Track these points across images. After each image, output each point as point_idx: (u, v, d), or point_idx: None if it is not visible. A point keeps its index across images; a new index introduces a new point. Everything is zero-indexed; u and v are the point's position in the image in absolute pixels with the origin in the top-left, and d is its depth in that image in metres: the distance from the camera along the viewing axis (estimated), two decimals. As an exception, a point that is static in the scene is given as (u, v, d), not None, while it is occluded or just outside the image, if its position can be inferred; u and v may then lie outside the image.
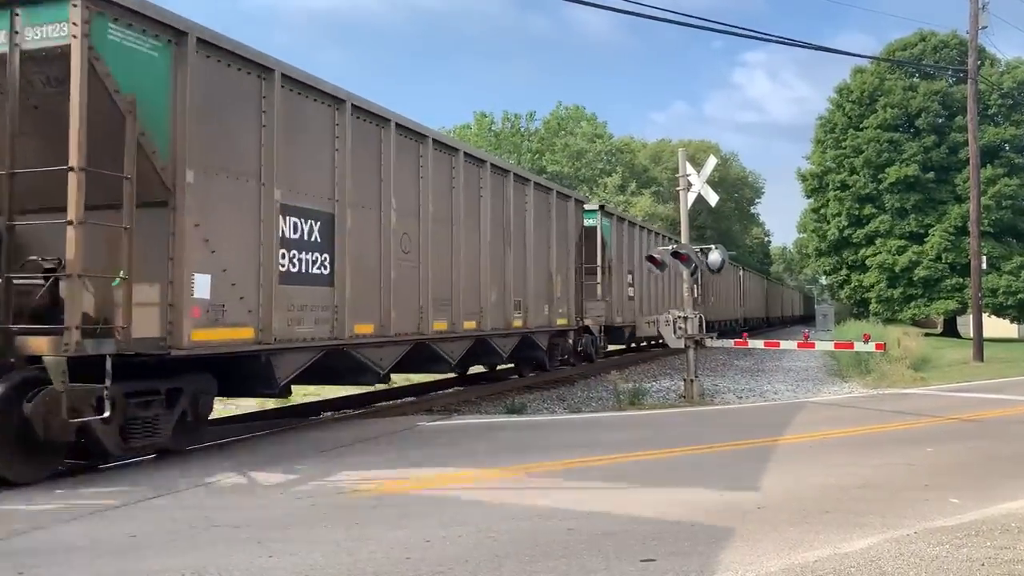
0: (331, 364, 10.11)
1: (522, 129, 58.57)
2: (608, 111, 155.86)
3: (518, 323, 15.11)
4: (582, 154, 55.77)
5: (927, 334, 38.20)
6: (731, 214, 73.78)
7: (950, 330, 43.22)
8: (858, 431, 10.34)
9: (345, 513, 5.95)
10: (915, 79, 41.97)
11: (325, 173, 9.79)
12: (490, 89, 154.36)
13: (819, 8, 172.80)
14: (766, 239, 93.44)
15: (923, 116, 40.01)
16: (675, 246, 15.39)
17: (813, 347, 15.90)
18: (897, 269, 39.92)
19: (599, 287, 20.11)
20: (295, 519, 5.80)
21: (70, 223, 6.80)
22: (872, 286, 41.29)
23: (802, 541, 5.18)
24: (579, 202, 18.89)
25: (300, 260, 9.27)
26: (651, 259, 15.50)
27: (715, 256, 14.99)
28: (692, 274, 15.08)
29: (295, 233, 9.20)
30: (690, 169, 15.72)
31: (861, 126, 41.63)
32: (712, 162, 16.16)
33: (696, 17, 29.09)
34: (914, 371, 19.33)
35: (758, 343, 16.76)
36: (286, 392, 10.26)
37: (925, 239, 39.70)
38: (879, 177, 40.42)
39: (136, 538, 5.30)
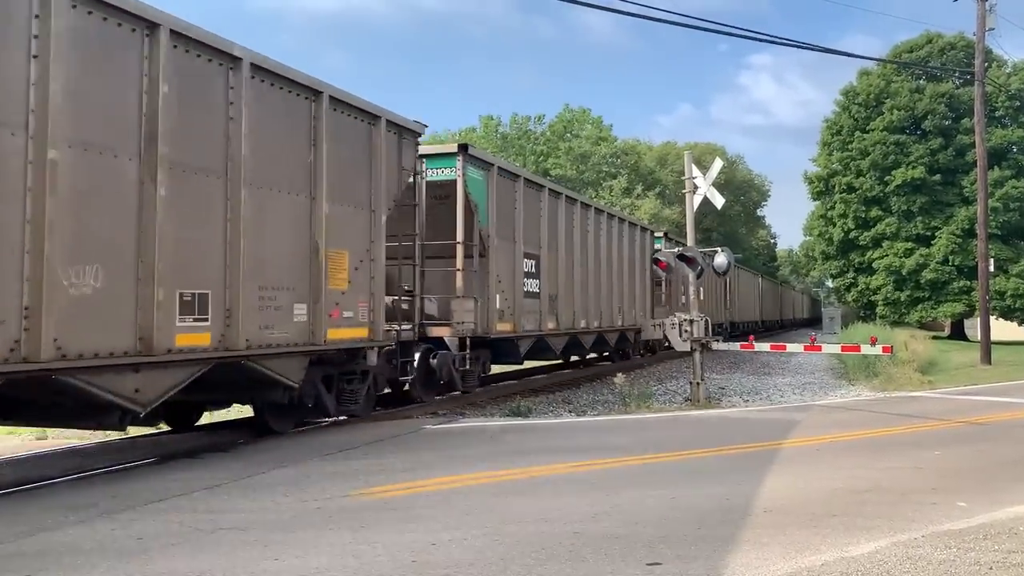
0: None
1: (530, 131, 58.57)
2: (613, 114, 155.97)
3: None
4: (587, 157, 55.75)
5: (934, 337, 38.07)
6: (737, 217, 73.65)
7: (957, 333, 43.07)
8: (865, 434, 10.30)
9: (351, 516, 5.95)
10: (922, 81, 41.87)
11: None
12: (495, 92, 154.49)
13: (825, 10, 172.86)
14: (772, 241, 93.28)
15: (930, 118, 39.90)
16: (681, 249, 15.36)
17: (820, 350, 15.86)
18: (904, 272, 39.81)
19: (459, 277, 15.47)
20: (301, 522, 5.80)
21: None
22: (879, 289, 41.17)
23: (809, 544, 5.16)
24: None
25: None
26: (656, 262, 15.48)
27: (721, 259, 14.98)
28: (698, 277, 15.06)
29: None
30: (696, 171, 15.72)
31: (867, 128, 41.54)
32: (718, 164, 16.15)
33: (702, 19, 29.07)
34: (921, 374, 19.28)
35: (764, 346, 16.73)
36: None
37: (932, 241, 39.58)
38: (885, 179, 40.32)
39: (142, 540, 5.31)
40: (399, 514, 6.01)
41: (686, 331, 14.53)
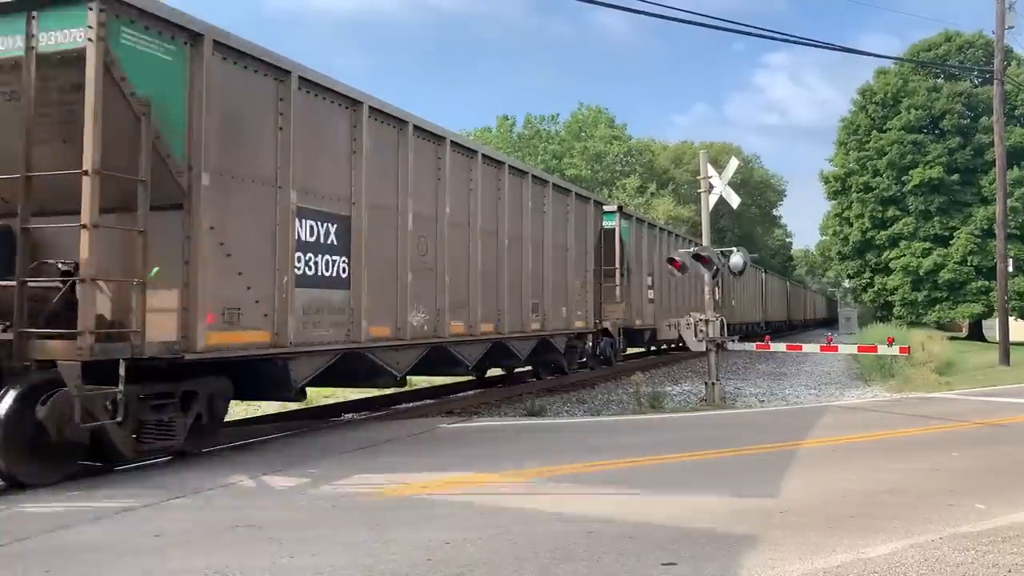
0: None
1: (543, 131, 58.58)
2: (629, 114, 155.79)
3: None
4: (601, 156, 55.69)
5: (952, 338, 37.76)
6: (753, 216, 73.38)
7: (975, 334, 42.71)
8: (882, 435, 10.24)
9: (366, 514, 5.97)
10: (939, 80, 41.57)
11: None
12: (511, 93, 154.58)
13: (842, 10, 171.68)
14: (788, 241, 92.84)
15: (948, 117, 39.59)
16: (696, 248, 15.32)
17: (836, 350, 15.77)
18: (921, 272, 39.52)
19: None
20: (316, 520, 5.82)
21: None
22: (896, 289, 40.89)
23: (825, 546, 5.13)
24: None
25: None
26: (671, 262, 15.43)
27: (737, 259, 14.92)
28: (713, 277, 15.01)
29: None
30: (712, 171, 15.67)
31: (884, 128, 41.26)
32: (734, 164, 16.08)
33: (719, 19, 28.93)
34: (938, 375, 19.12)
35: (780, 346, 16.66)
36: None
37: (950, 242, 39.27)
38: (903, 179, 40.04)
39: (160, 538, 5.35)
40: (414, 513, 6.03)
41: (701, 331, 14.48)
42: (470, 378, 16.02)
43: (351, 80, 9.99)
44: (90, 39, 6.79)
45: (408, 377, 12.39)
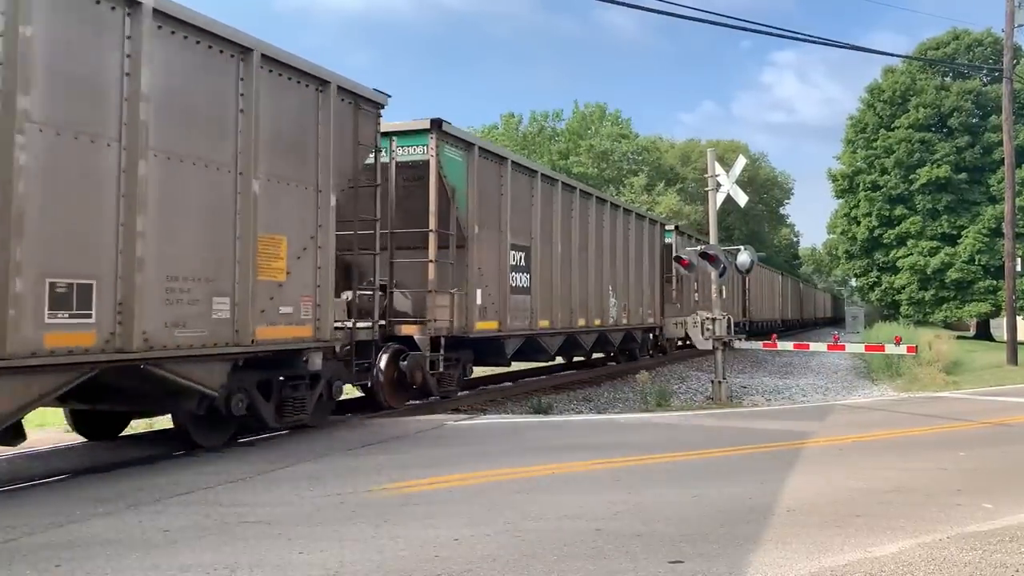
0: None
1: (548, 128, 58.49)
2: (636, 112, 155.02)
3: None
4: (607, 155, 55.59)
5: (959, 337, 37.68)
6: (760, 215, 73.21)
7: (983, 333, 42.58)
8: (888, 434, 10.23)
9: (374, 511, 5.99)
10: (948, 78, 41.41)
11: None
12: (518, 91, 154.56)
13: (849, 8, 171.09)
14: (795, 239, 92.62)
15: (956, 116, 39.45)
16: (703, 247, 15.30)
17: (843, 349, 15.75)
18: (929, 271, 39.42)
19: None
20: (325, 516, 5.85)
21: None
22: (903, 288, 40.79)
23: (832, 544, 5.14)
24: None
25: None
26: (679, 260, 15.42)
27: (744, 257, 14.92)
28: (720, 275, 15.00)
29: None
30: (719, 169, 15.65)
31: (892, 126, 41.14)
32: (741, 162, 16.07)
33: (726, 16, 28.84)
34: (946, 374, 19.09)
35: (787, 345, 16.65)
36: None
37: (958, 240, 39.15)
38: (910, 178, 39.92)
39: (169, 532, 5.38)
40: (421, 509, 6.05)
41: (708, 329, 14.48)
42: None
43: (357, 76, 10.09)
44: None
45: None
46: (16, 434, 7.20)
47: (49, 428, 10.95)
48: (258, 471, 7.42)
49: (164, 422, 10.21)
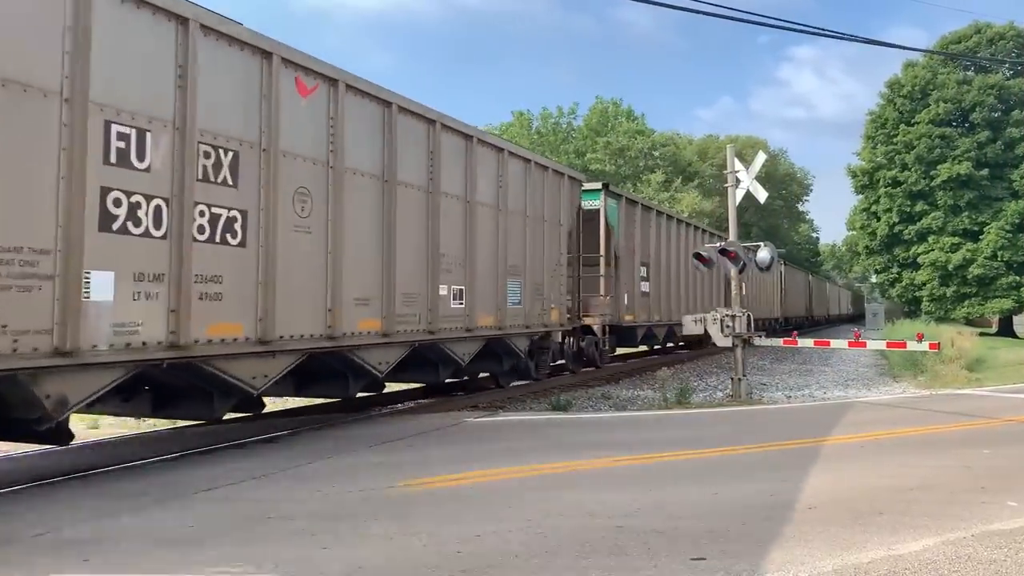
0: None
1: (563, 125, 58.30)
2: (654, 108, 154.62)
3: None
4: (624, 151, 55.37)
5: (981, 333, 37.30)
6: (779, 211, 72.71)
7: (1006, 330, 42.14)
8: (911, 432, 10.16)
9: (396, 507, 6.03)
10: (969, 72, 40.95)
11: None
12: (536, 89, 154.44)
13: (867, 2, 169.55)
14: (814, 235, 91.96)
15: (978, 110, 39.02)
16: (723, 243, 15.25)
17: (864, 346, 15.63)
18: (950, 267, 39.03)
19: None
20: (347, 512, 5.89)
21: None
22: (924, 284, 40.42)
23: (855, 542, 5.12)
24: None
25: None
26: (698, 256, 15.37)
27: (764, 254, 14.84)
28: (740, 272, 14.94)
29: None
30: (739, 165, 15.58)
31: (913, 121, 40.74)
32: (761, 158, 15.98)
33: (743, 11, 28.73)
34: (968, 371, 18.90)
35: (807, 342, 16.55)
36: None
37: (980, 236, 38.74)
38: (931, 174, 39.54)
39: (194, 528, 5.44)
40: (443, 506, 6.08)
41: (727, 326, 14.43)
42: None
43: (375, 77, 10.12)
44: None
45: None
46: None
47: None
48: (281, 468, 7.48)
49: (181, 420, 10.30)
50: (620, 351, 21.80)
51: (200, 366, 7.67)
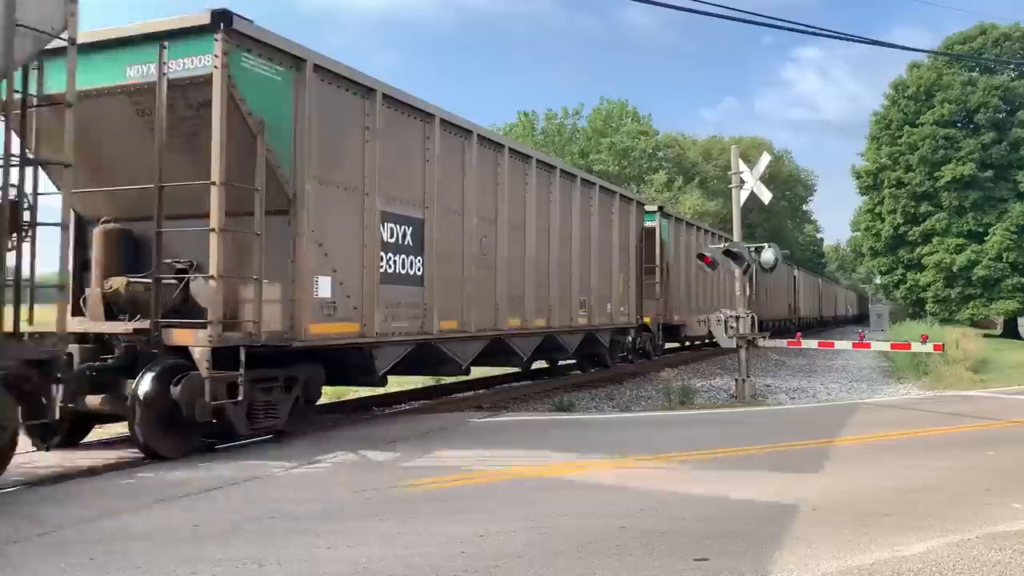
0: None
1: (567, 126, 58.22)
2: (657, 109, 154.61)
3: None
4: (628, 152, 55.30)
5: (986, 335, 37.22)
6: (783, 212, 72.59)
7: (1010, 331, 42.03)
8: (915, 433, 10.14)
9: (399, 506, 6.04)
10: (974, 73, 40.87)
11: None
12: (539, 89, 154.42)
13: (872, 3, 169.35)
14: (818, 236, 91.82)
15: (983, 111, 38.95)
16: (727, 244, 15.23)
17: (869, 347, 15.61)
18: (955, 268, 38.96)
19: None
20: (351, 512, 5.90)
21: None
22: (928, 286, 40.35)
23: (859, 543, 5.11)
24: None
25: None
26: (701, 257, 15.35)
27: (768, 254, 14.83)
28: (744, 272, 14.92)
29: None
30: (743, 166, 15.56)
31: (917, 122, 40.67)
32: (766, 159, 15.98)
33: (747, 12, 28.69)
34: (973, 373, 18.87)
35: (812, 343, 16.54)
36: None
37: (985, 238, 38.65)
38: (935, 175, 39.47)
39: (198, 527, 5.45)
40: (447, 506, 6.09)
41: (731, 327, 14.41)
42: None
43: (381, 75, 10.13)
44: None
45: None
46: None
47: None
48: (285, 467, 7.49)
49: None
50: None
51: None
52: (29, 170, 7.36)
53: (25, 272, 7.03)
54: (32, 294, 7.35)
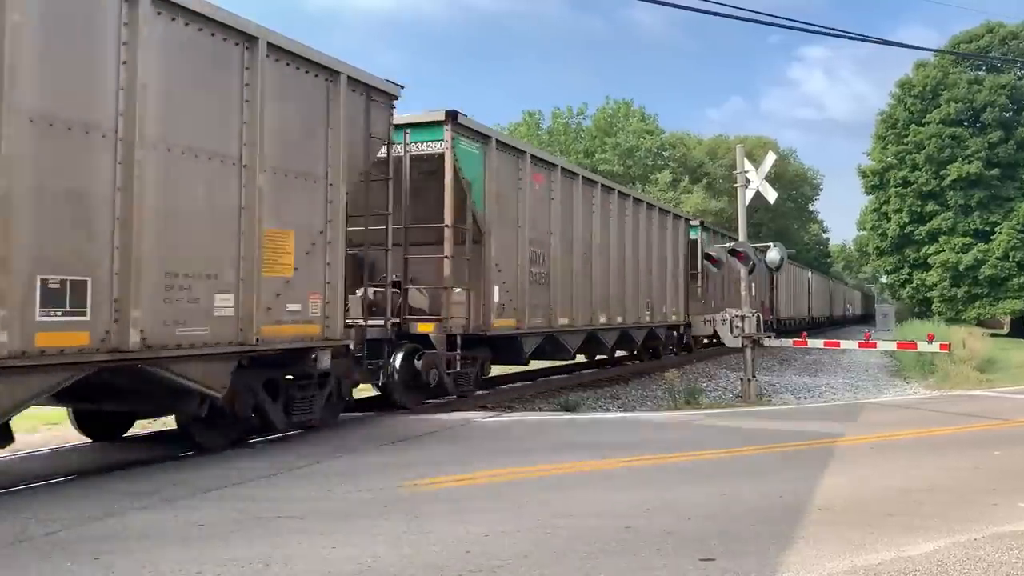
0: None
1: (572, 126, 58.18)
2: (663, 108, 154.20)
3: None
4: (632, 151, 55.25)
5: (992, 334, 37.11)
6: (789, 211, 72.43)
7: (1017, 330, 41.90)
8: (921, 433, 10.11)
9: (404, 506, 6.04)
10: (981, 72, 40.77)
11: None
12: (545, 89, 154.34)
13: (878, 1, 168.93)
14: (824, 235, 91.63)
15: (989, 110, 38.85)
16: (732, 244, 15.22)
17: (875, 347, 15.58)
18: (961, 268, 38.87)
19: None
20: (356, 511, 5.90)
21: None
22: (935, 285, 40.26)
23: (864, 543, 5.10)
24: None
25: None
26: (708, 258, 15.34)
27: (774, 254, 14.82)
28: (750, 272, 14.90)
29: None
30: (748, 166, 15.54)
31: (923, 121, 40.58)
32: (771, 159, 15.94)
33: (754, 11, 28.63)
34: (979, 372, 18.82)
35: (818, 343, 16.51)
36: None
37: (991, 237, 38.55)
38: (941, 174, 39.37)
39: (203, 527, 5.45)
40: (452, 505, 6.09)
41: (737, 327, 14.40)
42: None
43: (390, 76, 10.18)
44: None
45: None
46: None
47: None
48: (290, 467, 7.50)
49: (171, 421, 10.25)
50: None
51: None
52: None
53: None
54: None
